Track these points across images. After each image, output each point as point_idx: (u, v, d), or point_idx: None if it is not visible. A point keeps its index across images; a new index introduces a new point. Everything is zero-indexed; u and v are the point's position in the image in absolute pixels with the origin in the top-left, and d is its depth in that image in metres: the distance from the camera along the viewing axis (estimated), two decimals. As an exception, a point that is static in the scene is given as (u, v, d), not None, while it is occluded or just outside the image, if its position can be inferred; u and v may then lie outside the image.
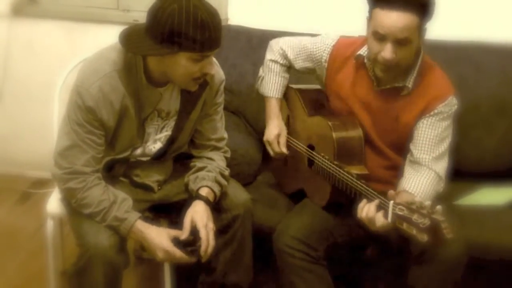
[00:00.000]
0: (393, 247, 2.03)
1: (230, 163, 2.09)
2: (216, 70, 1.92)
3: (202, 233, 1.84)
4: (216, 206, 1.98)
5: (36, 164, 3.11)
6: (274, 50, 2.24)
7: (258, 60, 2.57)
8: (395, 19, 1.78)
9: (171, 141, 1.96)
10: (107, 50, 1.81)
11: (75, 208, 1.84)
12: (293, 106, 2.26)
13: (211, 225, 1.88)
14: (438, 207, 1.56)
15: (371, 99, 2.02)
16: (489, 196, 2.31)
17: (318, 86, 2.23)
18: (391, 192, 1.72)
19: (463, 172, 2.41)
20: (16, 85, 3.13)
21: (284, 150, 2.16)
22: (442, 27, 2.54)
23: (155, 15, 1.66)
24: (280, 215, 2.15)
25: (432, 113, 1.94)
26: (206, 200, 1.92)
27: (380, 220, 1.70)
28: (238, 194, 2.03)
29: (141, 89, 1.81)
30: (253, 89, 2.37)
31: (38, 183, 3.14)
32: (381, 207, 1.71)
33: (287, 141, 2.21)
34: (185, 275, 2.18)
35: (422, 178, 1.92)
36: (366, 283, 2.27)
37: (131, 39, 1.73)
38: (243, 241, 2.03)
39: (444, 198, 2.09)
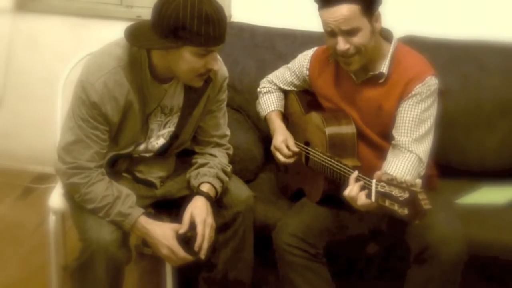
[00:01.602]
0: (393, 245, 2.04)
1: (232, 160, 2.09)
2: (220, 66, 1.92)
3: (199, 228, 1.85)
4: (218, 203, 1.98)
5: (38, 159, 3.12)
6: (263, 81, 2.34)
7: (261, 57, 2.58)
8: (335, 14, 1.83)
9: (174, 137, 1.96)
10: (112, 46, 1.81)
11: (78, 203, 1.85)
12: (291, 108, 2.27)
13: (209, 221, 1.88)
14: (418, 180, 1.58)
15: (355, 93, 2.04)
16: (490, 195, 2.31)
17: None
18: (377, 173, 1.73)
19: (465, 171, 2.42)
20: (19, 80, 3.13)
21: (295, 148, 2.13)
22: (445, 26, 2.55)
23: (160, 9, 1.66)
24: (281, 212, 2.16)
25: (410, 95, 1.94)
26: (206, 196, 1.92)
27: (361, 198, 1.74)
28: (240, 191, 2.04)
29: (145, 85, 1.82)
30: (255, 86, 2.38)
31: (40, 178, 3.14)
32: (365, 187, 1.74)
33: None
34: (186, 271, 2.18)
35: (403, 161, 1.92)
36: (366, 281, 2.27)
37: (136, 34, 1.74)
38: (244, 238, 2.03)
39: (445, 196, 2.10)
